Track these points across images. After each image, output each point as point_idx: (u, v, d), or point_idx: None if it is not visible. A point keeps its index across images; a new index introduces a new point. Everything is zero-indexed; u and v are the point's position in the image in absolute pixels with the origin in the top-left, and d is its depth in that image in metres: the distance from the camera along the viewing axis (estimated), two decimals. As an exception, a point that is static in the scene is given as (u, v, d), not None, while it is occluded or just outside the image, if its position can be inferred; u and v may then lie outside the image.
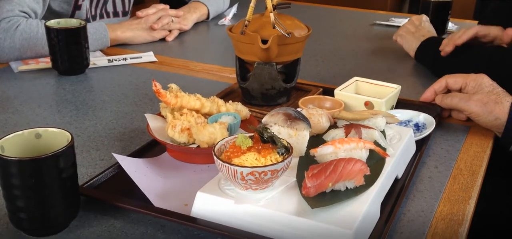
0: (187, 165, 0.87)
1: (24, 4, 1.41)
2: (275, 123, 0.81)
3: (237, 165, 0.68)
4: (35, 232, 0.71)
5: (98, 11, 1.69)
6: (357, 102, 1.05)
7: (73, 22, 1.31)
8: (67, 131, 0.71)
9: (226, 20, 1.87)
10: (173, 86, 0.94)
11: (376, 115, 0.88)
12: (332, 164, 0.70)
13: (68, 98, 1.19)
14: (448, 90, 1.10)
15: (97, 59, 1.42)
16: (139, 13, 1.64)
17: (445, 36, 1.67)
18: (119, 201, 0.75)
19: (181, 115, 0.90)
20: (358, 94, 1.08)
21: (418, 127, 1.02)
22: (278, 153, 0.71)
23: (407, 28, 1.52)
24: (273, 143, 0.72)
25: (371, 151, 0.79)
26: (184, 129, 0.87)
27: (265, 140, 0.72)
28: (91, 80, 1.31)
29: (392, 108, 1.07)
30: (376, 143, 0.81)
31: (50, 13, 1.54)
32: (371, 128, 0.84)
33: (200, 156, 0.87)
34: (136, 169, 0.83)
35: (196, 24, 1.83)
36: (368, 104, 1.03)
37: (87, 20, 1.59)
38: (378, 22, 1.95)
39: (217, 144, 0.73)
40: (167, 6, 1.71)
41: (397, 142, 0.86)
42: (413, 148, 0.92)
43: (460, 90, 1.08)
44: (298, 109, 0.84)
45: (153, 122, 0.93)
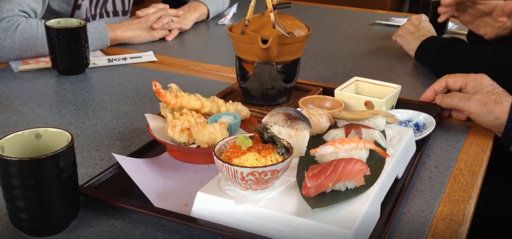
0: (187, 165, 0.87)
1: (24, 3, 1.41)
2: (275, 123, 0.81)
3: (237, 165, 0.68)
4: (35, 232, 0.71)
5: (98, 11, 1.69)
6: (357, 102, 1.05)
7: (73, 22, 1.31)
8: (67, 131, 0.71)
9: (226, 20, 1.87)
10: (173, 86, 0.94)
11: (376, 115, 0.88)
12: (332, 164, 0.70)
13: (68, 98, 1.19)
14: (448, 90, 1.10)
15: (97, 59, 1.42)
16: (139, 12, 1.64)
17: (445, 36, 1.67)
18: (119, 201, 0.75)
19: (181, 115, 0.90)
20: (358, 94, 1.08)
21: (418, 127, 1.02)
22: (278, 153, 0.71)
23: (406, 28, 1.52)
24: (273, 143, 0.72)
25: (371, 151, 0.79)
26: (184, 129, 0.87)
27: (265, 140, 0.72)
28: (91, 79, 1.31)
29: (392, 108, 1.07)
30: (376, 143, 0.81)
31: (49, 13, 1.54)
32: (371, 128, 0.84)
33: (200, 156, 0.87)
34: (136, 169, 0.83)
35: (196, 24, 1.83)
36: (368, 104, 1.03)
37: (86, 20, 1.59)
38: (378, 21, 1.95)
39: (217, 144, 0.73)
40: (167, 6, 1.71)
41: (397, 142, 0.86)
42: (413, 148, 0.92)
43: (460, 90, 1.08)
44: (298, 109, 0.84)
45: (153, 122, 0.93)
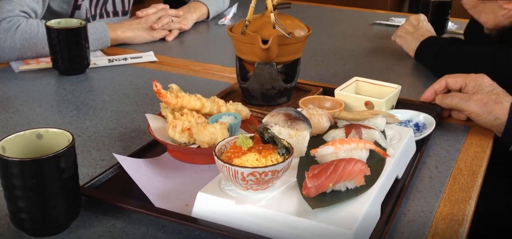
0: (187, 166, 0.87)
1: (24, 4, 1.41)
2: (276, 123, 0.81)
3: (237, 166, 0.68)
4: (36, 233, 0.71)
5: (98, 11, 1.69)
6: (357, 102, 1.05)
7: (73, 22, 1.31)
8: (68, 132, 0.72)
9: (226, 20, 1.87)
10: (173, 86, 0.94)
11: (376, 115, 0.88)
12: (332, 164, 0.70)
13: (68, 98, 1.19)
14: (448, 90, 1.10)
15: (97, 59, 1.43)
16: (139, 13, 1.64)
17: (445, 36, 1.67)
18: (120, 201, 0.75)
19: (181, 115, 0.91)
20: (358, 94, 1.08)
21: (418, 127, 1.02)
22: (279, 153, 0.71)
23: (405, 29, 1.52)
24: (274, 143, 0.72)
25: (372, 151, 0.79)
26: (184, 129, 0.87)
27: (266, 140, 0.72)
28: (91, 80, 1.31)
29: (392, 108, 1.08)
30: (377, 143, 0.81)
31: (49, 13, 1.54)
32: (371, 128, 0.84)
33: (201, 156, 0.87)
34: (137, 169, 0.83)
35: (196, 24, 1.83)
36: (368, 104, 1.03)
37: (86, 20, 1.59)
38: (378, 21, 1.95)
39: (217, 144, 0.74)
40: (167, 6, 1.71)
41: (397, 142, 0.86)
42: (413, 148, 0.92)
43: (460, 90, 1.08)
44: (299, 109, 0.84)
45: (153, 122, 0.93)
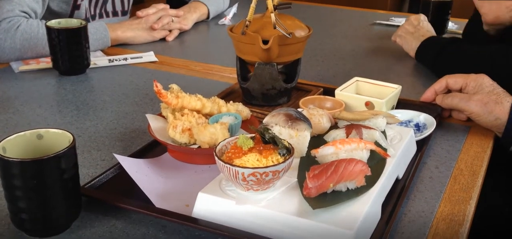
0: (188, 166, 0.87)
1: (24, 4, 1.41)
2: (276, 123, 0.81)
3: (238, 166, 0.68)
4: (36, 233, 0.71)
5: (98, 11, 1.69)
6: (358, 102, 1.05)
7: (73, 22, 1.31)
8: (69, 132, 0.72)
9: (226, 20, 1.87)
10: (174, 87, 0.94)
11: (376, 116, 0.88)
12: (333, 164, 0.70)
13: (69, 98, 1.19)
14: (448, 90, 1.10)
15: (97, 59, 1.42)
16: (139, 13, 1.64)
17: (445, 36, 1.67)
18: (121, 201, 0.75)
19: (182, 115, 0.91)
20: (359, 94, 1.08)
21: (418, 127, 1.02)
22: (280, 154, 0.71)
23: (405, 29, 1.52)
24: (274, 144, 0.72)
25: (372, 152, 0.79)
26: (185, 129, 0.87)
27: (267, 140, 0.72)
28: (91, 80, 1.31)
29: (392, 108, 1.07)
30: (377, 144, 0.81)
31: (49, 13, 1.54)
32: (372, 128, 0.84)
33: (201, 156, 0.87)
34: (137, 170, 0.83)
35: (196, 24, 1.83)
36: (368, 104, 1.03)
37: (86, 20, 1.59)
38: (378, 21, 1.95)
39: (218, 145, 0.74)
40: (167, 6, 1.71)
41: (397, 143, 0.86)
42: (414, 148, 0.92)
43: (460, 90, 1.08)
44: (299, 110, 0.84)
45: (154, 122, 0.93)
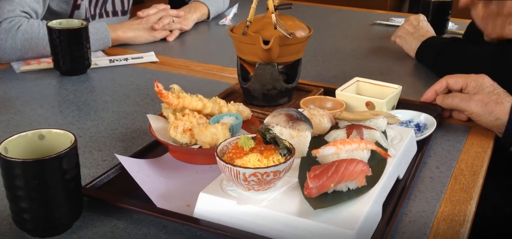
0: (189, 166, 0.87)
1: (25, 4, 1.41)
2: (277, 123, 0.81)
3: (239, 166, 0.68)
4: (38, 233, 0.71)
5: (97, 11, 1.69)
6: (358, 102, 1.05)
7: (74, 23, 1.31)
8: (70, 132, 0.72)
9: (227, 20, 1.87)
10: (175, 87, 0.95)
11: (377, 116, 0.88)
12: (334, 165, 0.71)
13: (70, 99, 1.19)
14: (449, 91, 1.10)
15: (98, 59, 1.43)
16: (140, 13, 1.64)
17: (445, 36, 1.67)
18: (122, 202, 0.75)
19: (183, 115, 0.91)
20: (359, 95, 1.08)
21: (419, 128, 1.02)
22: (281, 154, 0.71)
23: (405, 29, 1.52)
24: (275, 144, 0.72)
25: (373, 152, 0.79)
26: (186, 129, 0.87)
27: (268, 141, 0.72)
28: (92, 80, 1.31)
29: (393, 109, 1.08)
30: (378, 144, 0.82)
31: (49, 13, 1.54)
32: (373, 128, 0.84)
33: (202, 156, 0.87)
34: (139, 170, 0.83)
35: (197, 24, 1.83)
36: (369, 105, 1.04)
37: (86, 20, 1.59)
38: (378, 21, 1.95)
39: (219, 145, 0.74)
40: (168, 6, 1.71)
41: (398, 143, 0.86)
42: (414, 148, 0.92)
43: (461, 91, 1.08)
44: (300, 110, 0.84)
45: (155, 122, 0.93)
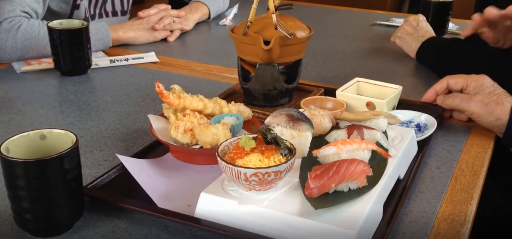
0: (190, 166, 0.88)
1: (25, 4, 1.41)
2: (278, 124, 0.81)
3: (240, 166, 0.68)
4: (40, 233, 0.71)
5: (97, 11, 1.69)
6: (359, 102, 1.05)
7: (75, 23, 1.32)
8: (72, 132, 0.72)
9: (227, 20, 1.87)
10: (176, 87, 0.95)
11: (378, 116, 0.88)
12: (334, 165, 0.71)
13: (70, 99, 1.19)
14: (449, 91, 1.10)
15: (99, 60, 1.43)
16: (140, 13, 1.64)
17: (445, 36, 1.67)
18: (123, 201, 0.76)
19: (184, 116, 0.91)
20: (360, 95, 1.08)
21: (419, 128, 1.02)
22: (282, 154, 0.71)
23: (405, 30, 1.52)
24: (276, 144, 0.72)
25: (373, 152, 0.79)
26: (187, 130, 0.87)
27: (269, 141, 0.72)
28: (93, 80, 1.31)
29: (393, 109, 1.08)
30: (378, 144, 0.82)
31: (48, 13, 1.54)
32: (373, 129, 0.84)
33: (203, 156, 0.87)
34: (140, 170, 0.83)
35: (197, 25, 1.83)
36: (369, 105, 1.04)
37: (86, 20, 1.59)
38: (378, 22, 1.95)
39: (220, 145, 0.74)
40: (169, 6, 1.71)
41: (399, 143, 0.86)
42: (415, 148, 0.92)
43: (461, 91, 1.08)
44: (300, 110, 0.84)
45: (156, 123, 0.93)
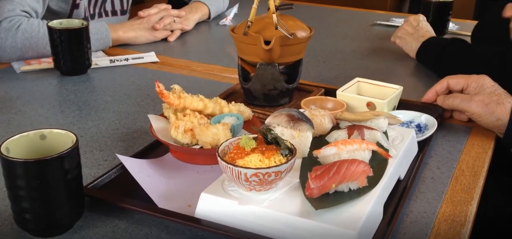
0: (190, 166, 0.87)
1: (25, 3, 1.41)
2: (278, 124, 0.81)
3: (241, 167, 0.68)
4: (40, 233, 0.71)
5: (97, 10, 1.69)
6: (359, 103, 1.05)
7: (75, 23, 1.31)
8: (72, 132, 0.72)
9: (227, 20, 1.87)
10: (176, 87, 0.95)
11: (378, 116, 0.88)
12: (335, 165, 0.71)
13: (70, 99, 1.19)
14: (449, 91, 1.10)
15: (99, 60, 1.43)
16: (141, 13, 1.64)
17: (446, 36, 1.67)
18: (123, 202, 0.75)
19: (184, 116, 0.91)
20: (360, 95, 1.08)
21: (420, 128, 1.02)
22: (282, 154, 0.71)
23: (405, 30, 1.52)
24: (277, 144, 0.72)
25: (374, 152, 0.79)
26: (187, 130, 0.87)
27: (269, 141, 0.72)
28: (93, 80, 1.31)
29: (394, 109, 1.08)
30: (379, 144, 0.82)
31: (48, 13, 1.53)
32: (374, 129, 0.84)
33: (203, 157, 0.87)
34: (140, 170, 0.83)
35: (198, 24, 1.83)
36: (370, 105, 1.04)
37: (85, 19, 1.59)
38: (378, 22, 1.95)
39: (221, 145, 0.74)
40: (169, 6, 1.71)
41: (399, 143, 0.86)
42: (415, 149, 0.92)
43: (461, 91, 1.08)
44: (301, 110, 0.84)
45: (156, 123, 0.93)
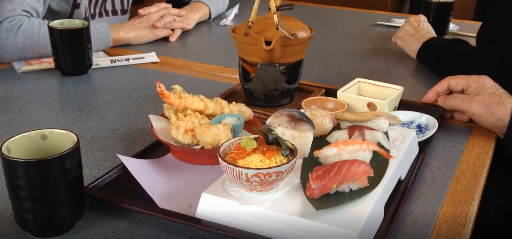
0: (191, 166, 0.88)
1: (25, 3, 1.41)
2: (279, 124, 0.81)
3: (242, 167, 0.68)
4: (41, 233, 0.71)
5: (97, 10, 1.68)
6: (360, 103, 1.05)
7: (76, 23, 1.31)
8: (73, 133, 0.72)
9: (228, 21, 1.87)
10: (177, 87, 0.95)
11: (379, 117, 0.88)
12: (336, 165, 0.71)
13: (71, 99, 1.19)
14: (450, 92, 1.10)
15: (99, 60, 1.43)
16: (141, 11, 1.63)
17: (446, 37, 1.67)
18: (124, 202, 0.76)
19: (185, 116, 0.91)
20: (361, 96, 1.08)
21: (420, 128, 1.02)
22: (283, 154, 0.71)
23: (406, 30, 1.52)
24: (278, 144, 0.72)
25: (375, 153, 0.79)
26: (188, 130, 0.87)
27: (270, 141, 0.72)
28: (94, 80, 1.31)
29: (394, 110, 1.08)
30: (380, 145, 0.82)
31: (49, 13, 1.53)
32: (374, 129, 0.84)
33: (204, 157, 0.87)
34: (141, 170, 0.83)
35: (198, 25, 1.83)
36: (370, 105, 1.04)
37: (86, 19, 1.59)
38: (379, 22, 1.95)
39: (222, 145, 0.74)
40: (170, 5, 1.71)
41: (400, 144, 0.86)
42: (416, 149, 0.92)
43: (462, 92, 1.08)
44: (302, 110, 0.84)
45: (156, 123, 0.93)
